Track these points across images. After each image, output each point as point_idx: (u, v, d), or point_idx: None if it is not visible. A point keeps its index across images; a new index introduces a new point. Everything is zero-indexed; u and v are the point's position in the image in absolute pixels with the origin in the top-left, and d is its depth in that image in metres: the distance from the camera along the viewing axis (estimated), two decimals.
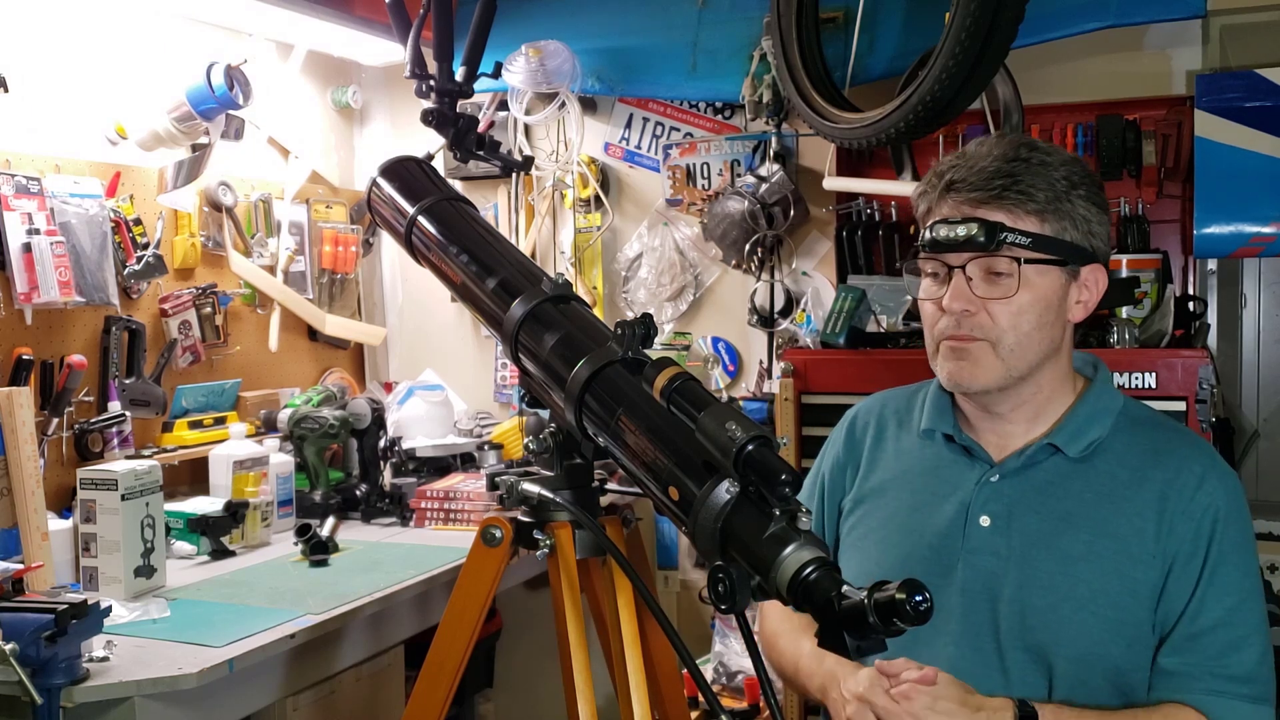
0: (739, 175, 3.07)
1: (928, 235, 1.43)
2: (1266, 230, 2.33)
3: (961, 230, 1.39)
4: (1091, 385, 1.52)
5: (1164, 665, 1.39)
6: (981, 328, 1.41)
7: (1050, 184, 1.40)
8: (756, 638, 1.33)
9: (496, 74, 2.16)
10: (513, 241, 2.56)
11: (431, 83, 1.94)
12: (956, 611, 1.43)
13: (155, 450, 2.65)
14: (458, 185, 3.23)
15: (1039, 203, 1.39)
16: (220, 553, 2.34)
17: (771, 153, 2.98)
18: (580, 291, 2.98)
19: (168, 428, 2.73)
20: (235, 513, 2.38)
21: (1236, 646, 1.37)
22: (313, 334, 3.25)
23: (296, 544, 2.36)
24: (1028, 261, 1.39)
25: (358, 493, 2.75)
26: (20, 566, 1.75)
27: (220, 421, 2.81)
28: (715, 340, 3.18)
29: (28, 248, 2.35)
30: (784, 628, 1.59)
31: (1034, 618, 1.39)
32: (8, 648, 1.51)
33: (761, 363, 3.08)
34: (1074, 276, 1.44)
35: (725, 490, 1.02)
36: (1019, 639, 1.39)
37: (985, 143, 1.46)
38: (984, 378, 1.43)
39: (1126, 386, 2.15)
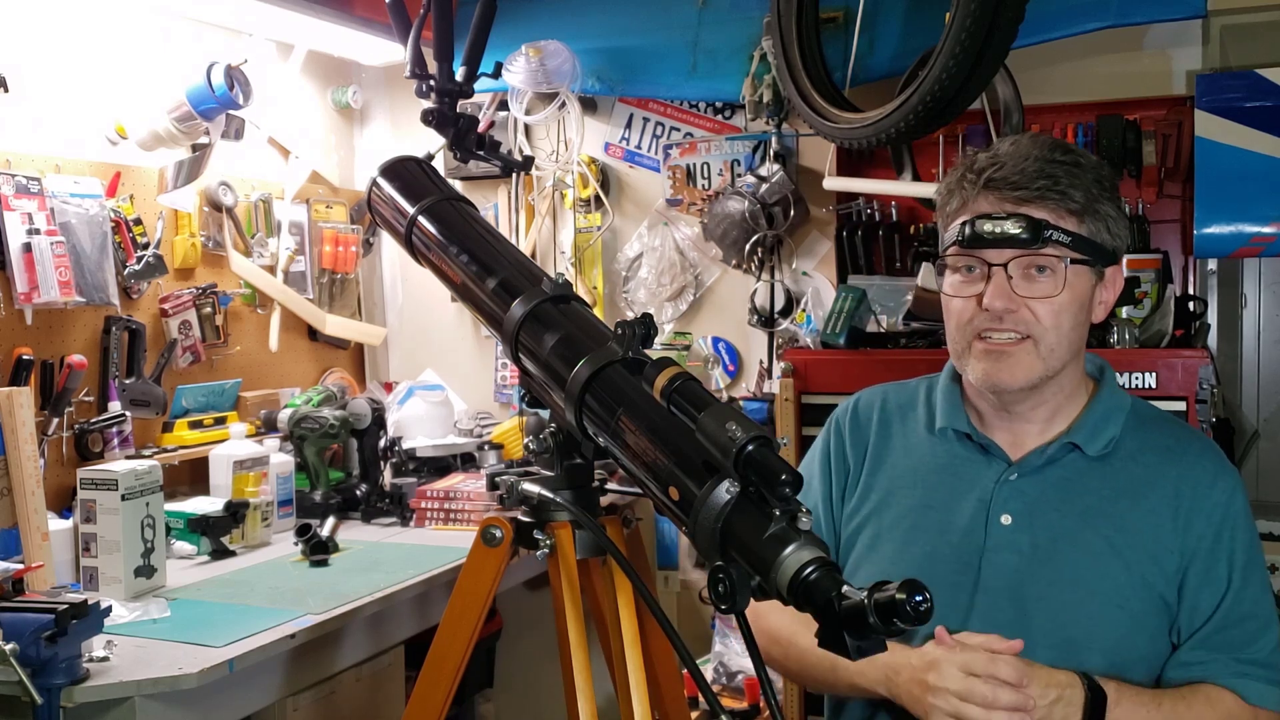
0: (739, 175, 3.07)
1: (968, 230, 1.41)
2: (1266, 230, 2.33)
3: (1009, 226, 1.39)
4: (1101, 385, 1.54)
5: (1191, 657, 1.42)
6: (1025, 323, 1.41)
7: (1085, 186, 1.41)
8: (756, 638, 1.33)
9: (496, 74, 2.15)
10: (513, 241, 2.56)
11: (431, 83, 1.94)
12: (979, 609, 1.44)
13: (155, 450, 2.65)
14: (458, 185, 3.23)
15: (1078, 204, 1.41)
16: (220, 553, 2.34)
17: (771, 153, 2.98)
18: (580, 291, 2.98)
19: (168, 428, 2.73)
20: (235, 513, 2.38)
21: (1257, 635, 1.42)
22: (313, 334, 3.25)
23: (296, 544, 2.36)
24: (1072, 261, 1.40)
25: (358, 493, 2.75)
26: (20, 566, 1.75)
27: (220, 421, 2.81)
28: (715, 340, 3.18)
29: (28, 248, 2.35)
30: (798, 626, 1.54)
31: (1065, 614, 1.41)
32: (8, 648, 1.51)
33: (761, 363, 3.08)
34: (1100, 277, 1.46)
35: (725, 490, 1.02)
36: (1050, 636, 1.40)
37: (1019, 142, 1.46)
38: (1022, 377, 1.43)
39: (1127, 387, 2.15)
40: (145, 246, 2.67)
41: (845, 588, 0.93)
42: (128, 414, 2.58)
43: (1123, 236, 1.47)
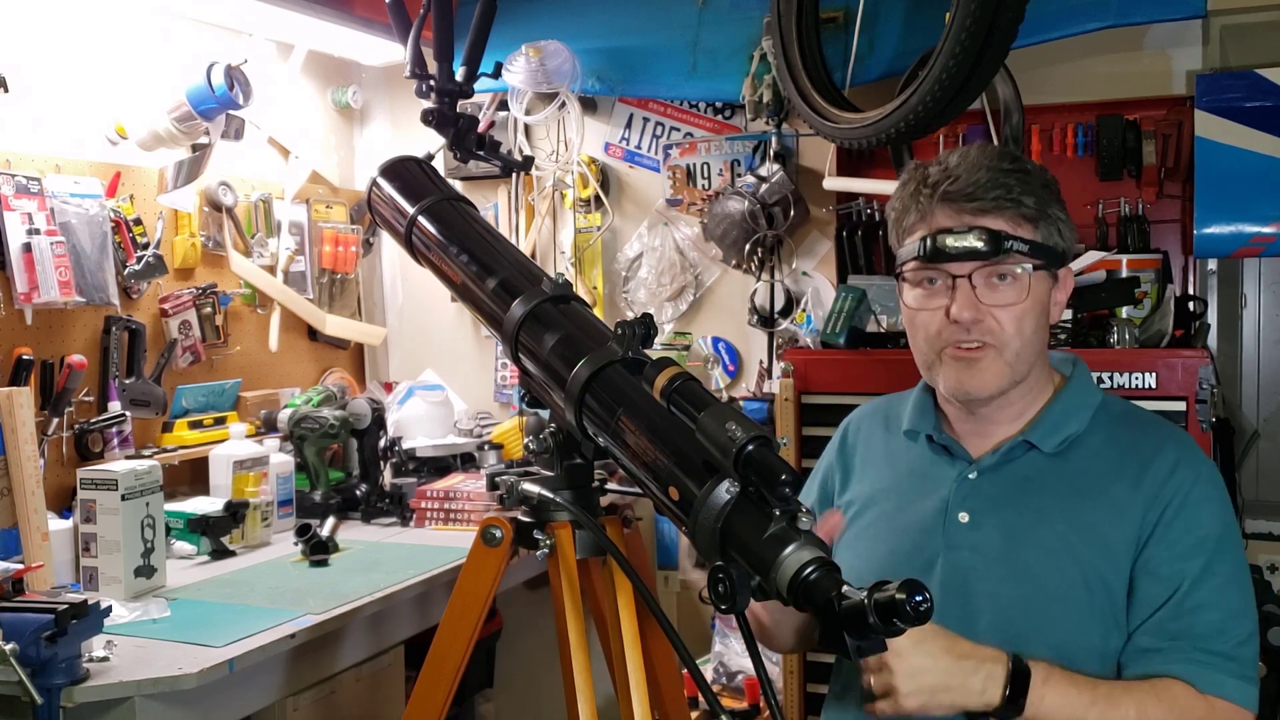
0: (739, 175, 3.07)
1: (929, 245, 1.44)
2: (1266, 230, 2.33)
3: (971, 239, 1.41)
4: (1069, 382, 1.55)
5: (1147, 644, 1.39)
6: (991, 333, 1.43)
7: (1036, 192, 1.45)
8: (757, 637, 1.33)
9: (496, 74, 2.15)
10: (513, 241, 2.56)
11: (431, 83, 1.94)
12: (936, 606, 1.44)
13: (155, 450, 2.65)
14: (458, 185, 3.23)
15: (1032, 210, 1.44)
16: (220, 553, 2.34)
17: (771, 153, 2.98)
18: (580, 291, 2.98)
19: (168, 428, 2.73)
20: (235, 513, 2.38)
21: (1222, 627, 1.38)
22: (313, 334, 3.25)
23: (296, 544, 2.36)
24: (1035, 268, 1.42)
25: (358, 493, 2.75)
26: (20, 566, 1.75)
27: (220, 421, 2.81)
28: (715, 340, 3.18)
29: (28, 248, 2.35)
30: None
31: (1012, 609, 1.42)
32: (8, 648, 1.51)
33: (761, 363, 3.08)
34: (1055, 279, 1.49)
35: (725, 490, 1.02)
36: (998, 631, 1.40)
37: (966, 154, 1.48)
38: (993, 384, 1.45)
39: (1126, 387, 2.16)
40: (145, 246, 2.67)
41: (845, 588, 0.93)
42: (128, 414, 2.58)
43: (1071, 238, 1.50)
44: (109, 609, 1.71)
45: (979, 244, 1.41)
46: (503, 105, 3.22)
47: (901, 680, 1.29)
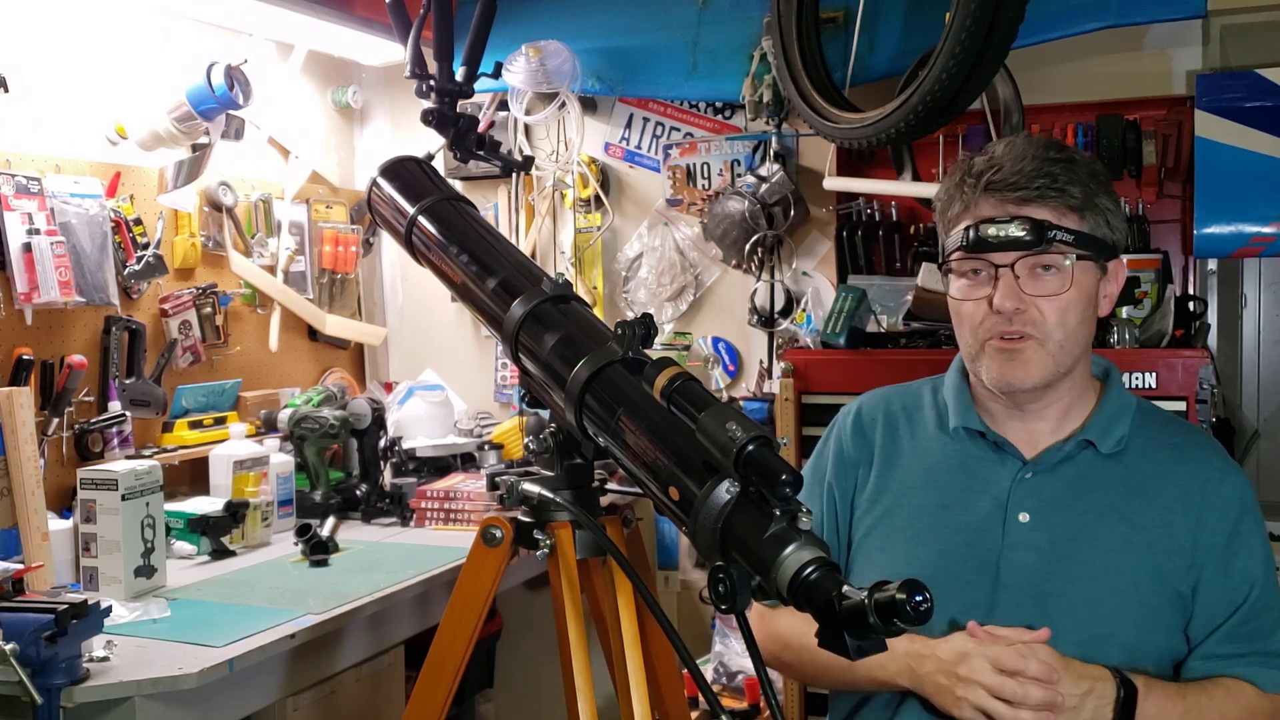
0: (739, 175, 3.07)
1: (972, 235, 1.43)
2: (1266, 230, 2.34)
3: (1013, 228, 1.41)
4: (1110, 385, 1.55)
5: (1221, 649, 1.43)
6: (1033, 323, 1.43)
7: (1083, 182, 1.43)
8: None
9: (496, 74, 2.15)
10: (513, 241, 2.56)
11: (431, 83, 1.94)
12: (1002, 607, 1.44)
13: (155, 450, 2.65)
14: (458, 185, 3.23)
15: (1078, 199, 1.43)
16: (220, 553, 2.34)
17: (771, 153, 2.98)
18: (580, 291, 2.98)
19: (168, 428, 2.73)
20: (235, 513, 2.38)
21: (1275, 627, 1.45)
22: (313, 334, 3.25)
23: (296, 544, 2.36)
24: (1076, 258, 1.42)
25: (358, 493, 2.75)
26: (20, 566, 1.75)
27: (220, 421, 2.81)
28: (715, 340, 3.18)
29: (28, 248, 2.35)
30: (807, 627, 1.55)
31: (1086, 610, 1.42)
32: (8, 648, 1.51)
33: (761, 363, 3.08)
34: (1104, 271, 1.48)
35: (725, 490, 1.02)
36: (1073, 632, 1.40)
37: (1013, 143, 1.47)
38: (1035, 375, 1.44)
39: (1127, 387, 2.15)
40: (145, 246, 2.66)
41: (845, 587, 0.93)
42: (128, 414, 2.58)
43: (1121, 230, 1.49)
44: (109, 609, 1.71)
45: (1022, 234, 1.40)
46: (503, 105, 3.22)
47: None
